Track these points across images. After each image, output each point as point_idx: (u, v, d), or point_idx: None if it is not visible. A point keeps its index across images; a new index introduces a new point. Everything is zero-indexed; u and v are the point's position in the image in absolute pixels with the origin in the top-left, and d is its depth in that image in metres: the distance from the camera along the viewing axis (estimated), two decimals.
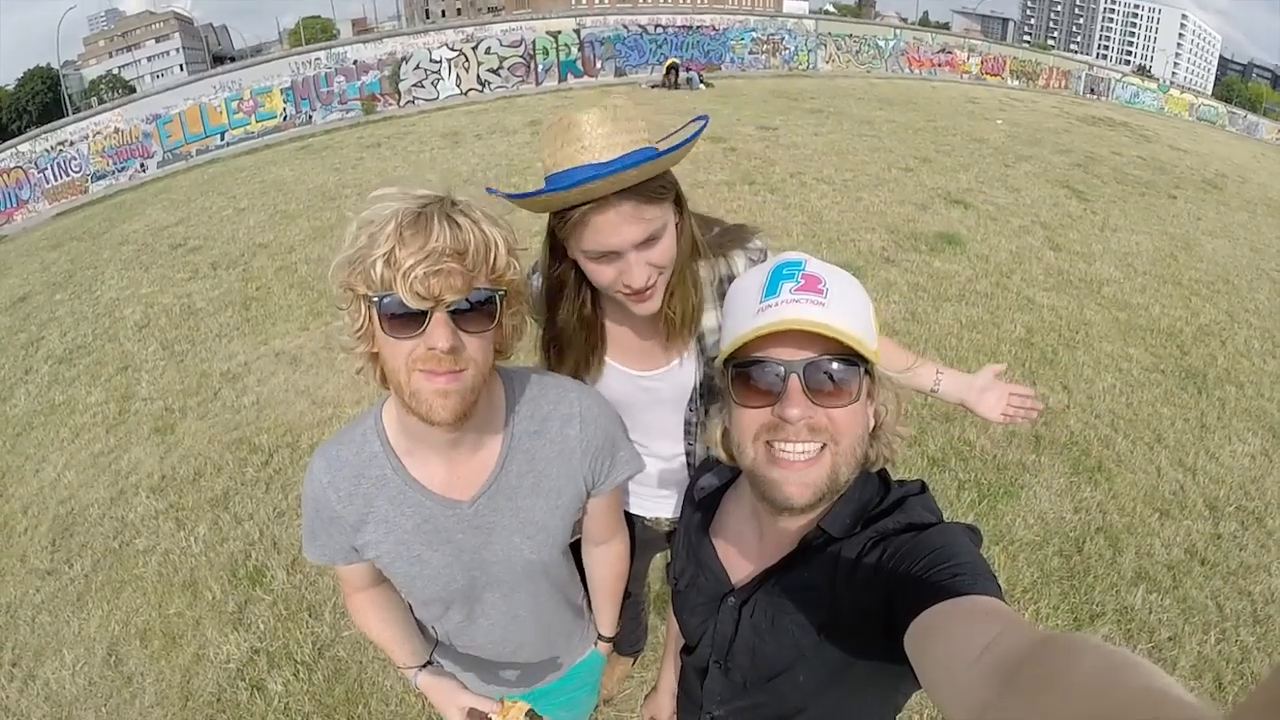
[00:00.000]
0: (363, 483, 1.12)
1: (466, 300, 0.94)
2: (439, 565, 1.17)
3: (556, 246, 1.23)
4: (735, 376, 0.91)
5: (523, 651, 1.36)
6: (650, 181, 1.10)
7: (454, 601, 1.23)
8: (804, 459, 0.86)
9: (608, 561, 1.44)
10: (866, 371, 0.88)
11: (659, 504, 1.61)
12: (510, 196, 1.15)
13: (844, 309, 0.87)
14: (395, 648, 1.30)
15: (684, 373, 1.36)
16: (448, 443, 1.09)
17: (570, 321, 1.32)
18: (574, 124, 1.10)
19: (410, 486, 1.12)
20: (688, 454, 1.47)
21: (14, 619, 3.18)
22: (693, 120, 1.20)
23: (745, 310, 0.90)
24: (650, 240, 1.14)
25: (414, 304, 0.90)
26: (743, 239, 1.34)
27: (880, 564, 0.85)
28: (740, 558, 1.06)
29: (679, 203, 1.20)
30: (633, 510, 1.63)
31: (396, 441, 1.13)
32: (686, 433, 1.45)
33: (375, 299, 0.92)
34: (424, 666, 1.30)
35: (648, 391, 1.40)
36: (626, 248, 1.12)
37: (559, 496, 1.20)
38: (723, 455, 1.01)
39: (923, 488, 0.96)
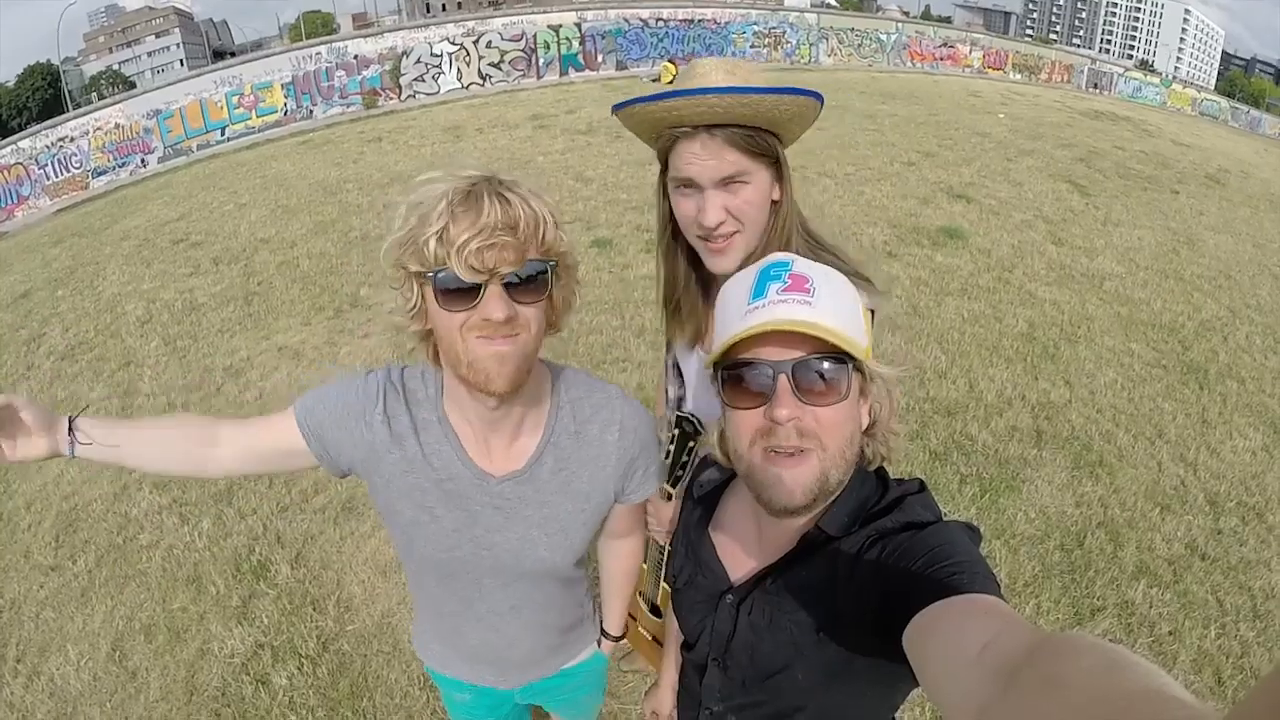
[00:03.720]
0: (408, 416, 1.14)
1: (517, 275, 0.96)
2: (447, 526, 1.17)
3: (666, 193, 1.28)
4: (726, 379, 0.91)
5: (517, 647, 1.35)
6: (741, 129, 1.14)
7: (453, 575, 1.23)
8: (793, 453, 0.86)
9: (622, 556, 1.44)
10: (856, 369, 0.88)
11: None
12: (621, 105, 1.19)
13: (832, 308, 0.87)
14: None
15: None
16: (489, 424, 1.12)
17: (690, 280, 1.35)
18: (696, 64, 1.20)
19: (448, 441, 1.14)
20: None
21: (18, 615, 3.19)
22: (802, 90, 1.18)
23: (733, 312, 0.91)
24: (731, 183, 1.17)
25: (468, 277, 0.92)
26: (852, 274, 1.25)
27: (879, 563, 0.86)
28: (739, 556, 1.06)
29: (779, 172, 1.23)
30: None
31: (446, 403, 1.15)
32: None
33: (429, 274, 0.94)
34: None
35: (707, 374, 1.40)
36: (704, 181, 1.17)
37: (586, 501, 1.21)
38: (720, 458, 1.01)
39: (921, 486, 0.96)
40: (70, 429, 1.06)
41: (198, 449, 1.15)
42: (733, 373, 0.90)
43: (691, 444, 1.30)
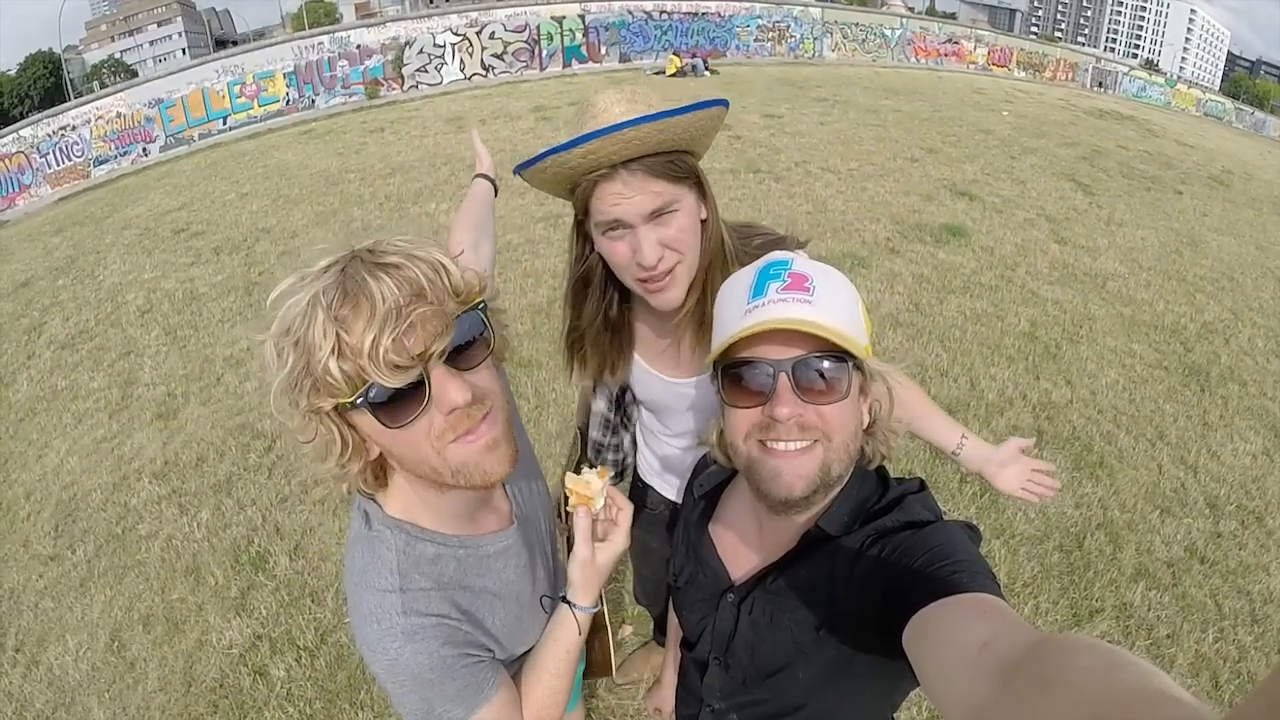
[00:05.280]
0: (448, 589, 0.98)
1: (459, 339, 0.81)
2: (542, 578, 1.16)
3: (583, 238, 1.24)
4: (726, 378, 0.91)
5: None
6: (660, 156, 1.10)
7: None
8: (796, 449, 0.86)
9: None
10: (856, 368, 0.88)
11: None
12: (523, 166, 1.13)
13: (832, 306, 0.87)
14: (551, 644, 1.08)
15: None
16: (474, 506, 1.04)
17: (595, 322, 1.33)
18: (591, 103, 1.13)
19: (483, 545, 1.04)
20: None
21: (17, 605, 3.20)
22: (712, 101, 1.14)
23: (733, 311, 0.91)
24: (661, 215, 1.12)
25: (396, 380, 0.75)
26: (783, 250, 1.32)
27: (879, 562, 0.86)
28: (739, 555, 1.06)
29: (702, 191, 1.19)
30: (669, 496, 1.66)
31: (436, 524, 0.99)
32: None
33: (354, 402, 0.76)
34: (561, 601, 1.08)
35: (682, 397, 1.41)
36: (635, 219, 1.11)
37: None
38: (720, 458, 1.01)
39: (921, 486, 0.96)
40: None
41: None
42: (732, 371, 0.90)
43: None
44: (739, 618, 1.01)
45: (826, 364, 0.85)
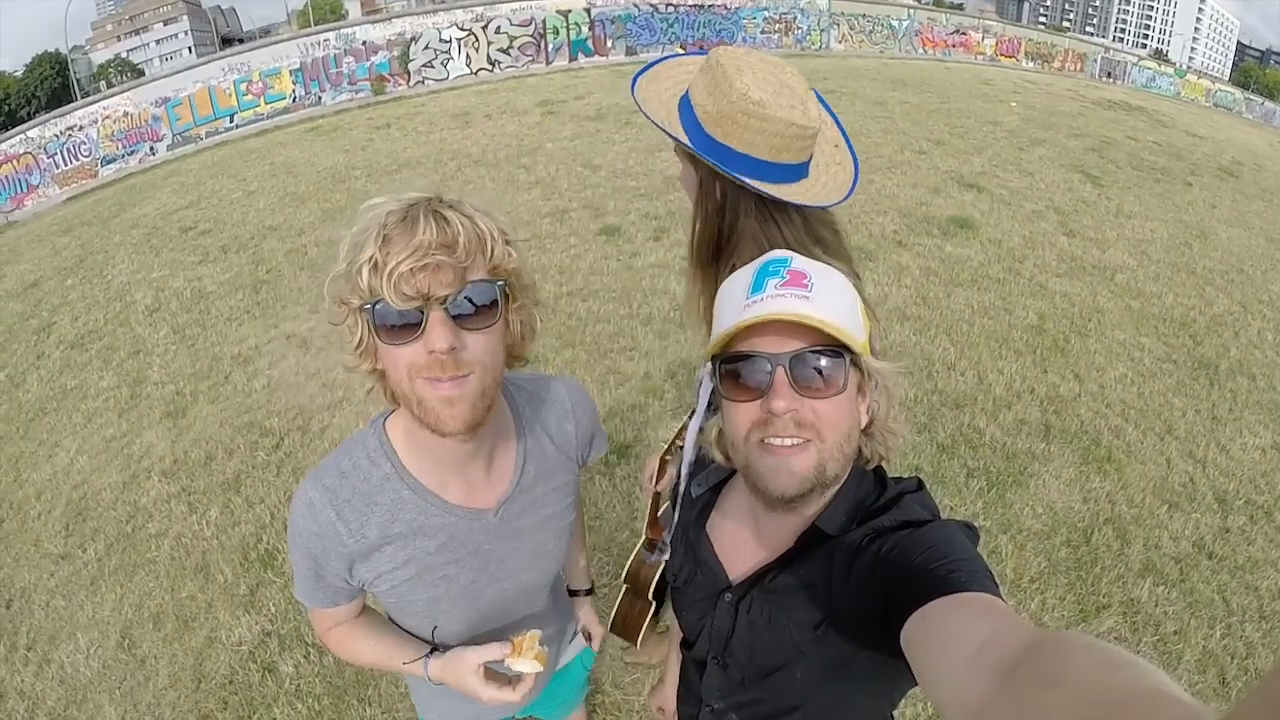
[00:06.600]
0: (376, 510, 1.04)
1: (466, 297, 0.89)
2: (465, 582, 1.13)
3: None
4: (724, 372, 0.92)
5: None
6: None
7: (485, 619, 1.18)
8: (791, 445, 0.86)
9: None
10: (854, 364, 0.89)
11: None
12: (644, 70, 1.49)
13: (829, 302, 0.87)
14: (396, 651, 1.17)
15: None
16: (464, 459, 1.06)
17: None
18: (707, 74, 1.34)
19: (431, 504, 1.07)
20: None
21: (29, 603, 3.23)
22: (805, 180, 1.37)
23: (732, 307, 0.91)
24: (680, 169, 1.45)
25: (401, 305, 0.85)
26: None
27: (876, 561, 0.86)
28: (737, 554, 1.06)
29: (719, 183, 1.37)
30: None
31: (409, 459, 1.06)
32: None
33: (367, 308, 0.88)
34: (431, 653, 1.16)
35: None
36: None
37: (569, 490, 1.22)
38: (719, 456, 1.01)
39: (919, 485, 0.96)
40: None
41: None
42: (730, 366, 0.90)
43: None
44: (737, 617, 1.01)
45: (823, 359, 0.86)
